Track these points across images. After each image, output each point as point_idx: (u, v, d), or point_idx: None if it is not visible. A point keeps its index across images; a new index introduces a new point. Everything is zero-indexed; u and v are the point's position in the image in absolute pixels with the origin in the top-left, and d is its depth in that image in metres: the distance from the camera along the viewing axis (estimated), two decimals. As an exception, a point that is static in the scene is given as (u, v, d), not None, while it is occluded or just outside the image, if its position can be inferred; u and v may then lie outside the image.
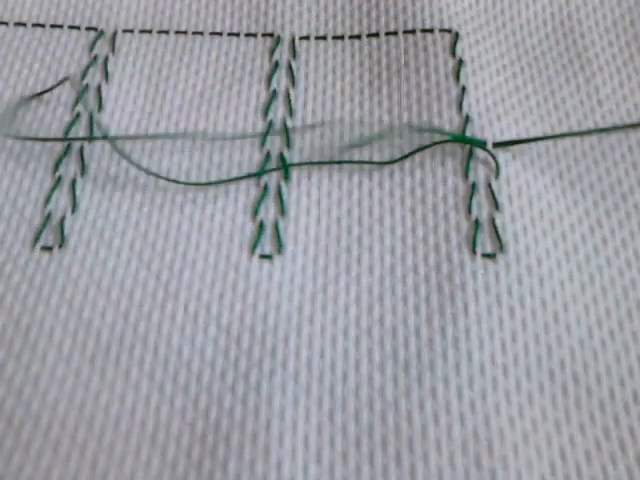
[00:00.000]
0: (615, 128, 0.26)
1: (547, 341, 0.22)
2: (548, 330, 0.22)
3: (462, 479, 0.19)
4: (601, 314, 0.22)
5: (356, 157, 0.26)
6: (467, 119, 0.26)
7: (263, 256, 0.24)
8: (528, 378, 0.21)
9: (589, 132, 0.26)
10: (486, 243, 0.24)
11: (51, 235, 0.24)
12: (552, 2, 0.31)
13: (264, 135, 0.27)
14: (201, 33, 0.30)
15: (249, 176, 0.25)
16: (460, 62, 0.28)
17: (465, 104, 0.27)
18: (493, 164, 0.25)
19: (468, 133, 0.26)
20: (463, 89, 0.27)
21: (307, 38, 0.30)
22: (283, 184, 0.25)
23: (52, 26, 0.30)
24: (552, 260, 0.23)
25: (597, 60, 0.29)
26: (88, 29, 0.30)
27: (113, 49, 0.29)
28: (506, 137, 0.26)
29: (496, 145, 0.26)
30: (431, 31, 0.29)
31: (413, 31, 0.30)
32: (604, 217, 0.25)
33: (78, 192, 0.25)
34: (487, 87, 0.28)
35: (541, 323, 0.22)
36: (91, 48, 0.29)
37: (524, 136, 0.26)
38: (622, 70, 0.29)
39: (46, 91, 0.24)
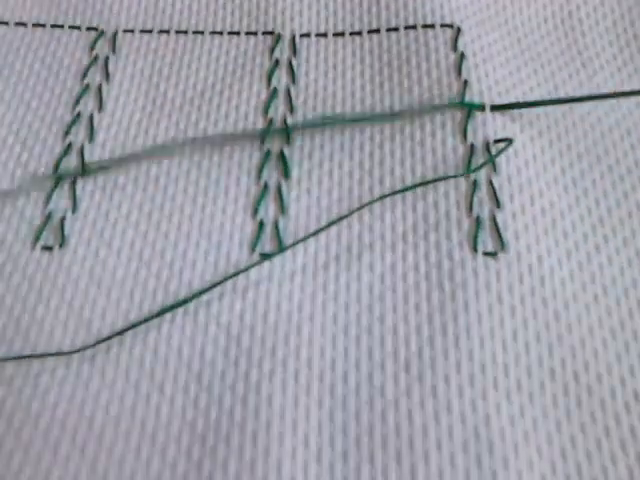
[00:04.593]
0: (614, 95, 0.26)
1: (548, 340, 0.22)
2: (549, 329, 0.22)
3: (463, 479, 0.19)
4: (602, 313, 0.22)
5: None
6: (469, 114, 0.26)
7: (263, 255, 0.24)
8: (529, 377, 0.21)
9: (588, 98, 0.26)
10: (487, 241, 0.24)
11: (51, 235, 0.24)
12: (553, 1, 0.31)
13: (264, 133, 0.26)
14: (201, 32, 0.30)
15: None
16: (462, 56, 0.28)
17: (467, 98, 0.27)
18: (495, 159, 0.25)
19: (470, 128, 0.26)
20: (465, 83, 0.27)
21: (308, 35, 0.29)
22: (283, 182, 0.25)
23: (52, 26, 0.30)
24: (553, 259, 0.23)
25: (598, 59, 0.29)
26: (89, 29, 0.30)
27: (114, 49, 0.29)
28: (508, 136, 0.26)
29: (497, 141, 0.26)
30: (432, 26, 0.29)
31: (414, 27, 0.29)
32: (606, 215, 0.24)
33: (78, 192, 0.25)
34: (490, 81, 0.27)
35: (542, 322, 0.22)
36: (92, 48, 0.29)
37: (527, 130, 0.26)
38: (623, 69, 0.29)
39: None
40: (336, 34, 0.30)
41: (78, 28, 0.30)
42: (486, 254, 0.23)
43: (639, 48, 0.29)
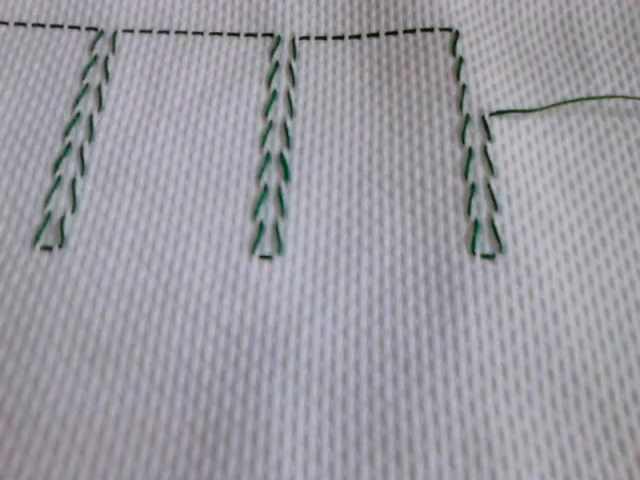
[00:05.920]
0: (609, 97, 0.27)
1: (546, 342, 0.22)
2: (547, 331, 0.22)
3: (462, 479, 0.19)
4: (600, 315, 0.22)
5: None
6: (467, 118, 0.27)
7: (263, 257, 0.24)
8: (527, 378, 0.21)
9: (587, 99, 0.26)
10: (485, 244, 0.24)
11: (51, 235, 0.24)
12: (552, 2, 0.31)
13: (264, 135, 0.27)
14: (201, 33, 0.30)
15: None
16: (460, 60, 0.28)
17: (465, 103, 0.27)
18: (493, 162, 0.25)
19: (468, 132, 0.26)
20: (463, 87, 0.27)
21: (307, 38, 0.30)
22: (283, 185, 0.25)
23: (52, 26, 0.30)
24: (551, 261, 0.23)
25: (597, 60, 0.29)
26: (88, 29, 0.30)
27: (113, 49, 0.29)
28: (506, 141, 0.26)
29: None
30: (431, 30, 0.29)
31: (413, 30, 0.30)
32: (603, 218, 0.25)
33: (78, 192, 0.25)
34: (488, 85, 0.28)
35: (540, 324, 0.22)
36: (91, 48, 0.29)
37: (524, 136, 0.26)
38: (622, 70, 0.29)
39: None
40: (336, 37, 0.30)
41: (78, 28, 0.30)
42: (484, 257, 0.23)
43: (639, 48, 0.29)
